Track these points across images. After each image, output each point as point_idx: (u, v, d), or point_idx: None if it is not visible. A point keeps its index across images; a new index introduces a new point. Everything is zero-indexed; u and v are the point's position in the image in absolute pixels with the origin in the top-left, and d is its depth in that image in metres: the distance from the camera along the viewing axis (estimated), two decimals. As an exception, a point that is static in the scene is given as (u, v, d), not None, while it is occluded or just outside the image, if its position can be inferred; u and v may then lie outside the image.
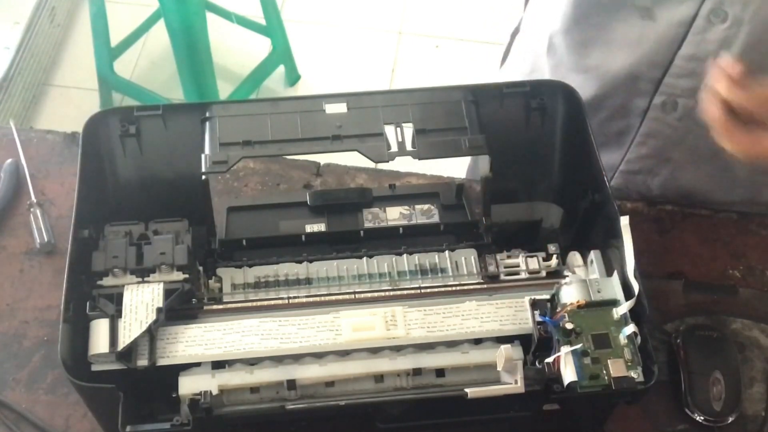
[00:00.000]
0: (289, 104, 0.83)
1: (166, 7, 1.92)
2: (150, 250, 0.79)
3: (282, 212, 0.93)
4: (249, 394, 0.75)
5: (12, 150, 1.00)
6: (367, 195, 0.94)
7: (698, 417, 0.83)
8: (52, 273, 0.92)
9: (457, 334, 0.76)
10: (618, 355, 0.73)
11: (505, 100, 0.86)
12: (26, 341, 0.88)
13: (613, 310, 0.75)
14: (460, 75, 2.28)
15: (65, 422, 0.84)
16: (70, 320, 0.73)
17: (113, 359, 0.74)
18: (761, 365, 0.88)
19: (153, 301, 0.76)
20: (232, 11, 2.21)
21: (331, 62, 2.36)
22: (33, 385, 0.86)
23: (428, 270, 0.84)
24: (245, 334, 0.76)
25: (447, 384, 0.76)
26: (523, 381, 0.73)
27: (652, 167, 0.98)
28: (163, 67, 2.27)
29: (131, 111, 0.84)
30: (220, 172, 0.81)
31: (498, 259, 0.85)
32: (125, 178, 0.87)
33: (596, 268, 0.80)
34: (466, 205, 0.94)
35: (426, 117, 0.83)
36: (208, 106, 0.84)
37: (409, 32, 2.44)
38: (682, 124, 0.91)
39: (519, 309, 0.78)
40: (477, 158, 0.90)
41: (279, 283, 0.83)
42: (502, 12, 2.37)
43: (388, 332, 0.76)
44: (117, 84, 2.18)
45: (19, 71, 2.16)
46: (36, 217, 0.95)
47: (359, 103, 0.83)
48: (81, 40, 2.33)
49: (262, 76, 2.23)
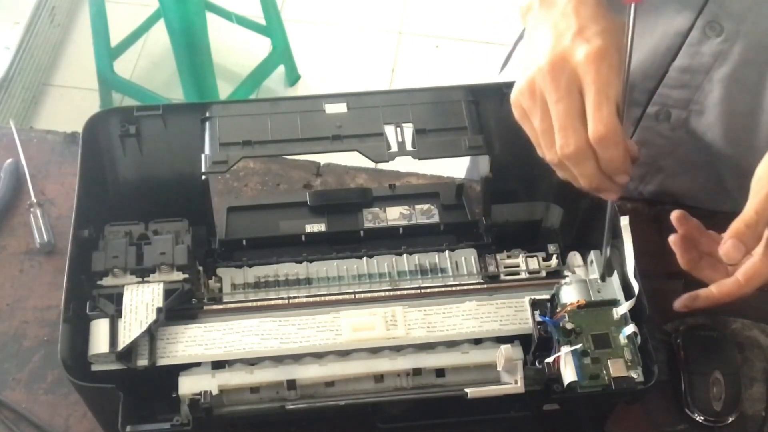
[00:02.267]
0: (289, 104, 0.84)
1: (166, 7, 1.92)
2: (150, 250, 0.79)
3: (282, 212, 0.93)
4: (249, 394, 0.75)
5: (12, 150, 1.00)
6: (367, 195, 0.94)
7: (698, 417, 0.83)
8: (52, 273, 0.92)
9: (457, 334, 0.76)
10: (618, 355, 0.73)
11: (505, 100, 0.86)
12: (26, 341, 0.88)
13: (613, 310, 0.75)
14: (460, 75, 2.28)
15: (65, 422, 0.84)
16: (70, 320, 0.73)
17: (113, 359, 0.74)
18: (761, 365, 0.88)
19: (153, 301, 0.76)
20: (232, 11, 2.21)
21: (331, 62, 2.36)
22: (33, 385, 0.86)
23: (428, 270, 0.84)
24: (245, 334, 0.76)
25: (447, 384, 0.76)
26: (523, 381, 0.73)
27: (644, 175, 0.98)
28: (163, 67, 2.27)
29: (131, 111, 0.84)
30: (220, 172, 0.81)
31: (498, 259, 0.85)
32: (125, 178, 0.87)
33: (596, 268, 0.80)
34: (466, 205, 0.94)
35: (426, 117, 0.83)
36: (208, 106, 0.84)
37: (409, 32, 2.44)
38: (675, 134, 0.91)
39: (519, 309, 0.78)
40: (477, 158, 0.90)
41: (279, 283, 0.83)
42: (502, 12, 2.37)
43: (388, 332, 0.76)
44: (117, 84, 2.18)
45: (19, 71, 2.16)
46: (36, 217, 0.95)
47: (359, 103, 0.83)
48: (81, 40, 2.33)
49: (262, 76, 2.23)
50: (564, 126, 0.65)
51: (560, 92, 0.65)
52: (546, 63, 0.65)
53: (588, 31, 0.66)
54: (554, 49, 0.66)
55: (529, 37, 0.71)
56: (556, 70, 0.65)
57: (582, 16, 0.67)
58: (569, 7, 0.68)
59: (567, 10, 0.68)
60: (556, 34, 0.67)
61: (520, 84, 0.68)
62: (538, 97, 0.66)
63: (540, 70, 0.66)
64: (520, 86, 0.68)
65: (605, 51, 0.64)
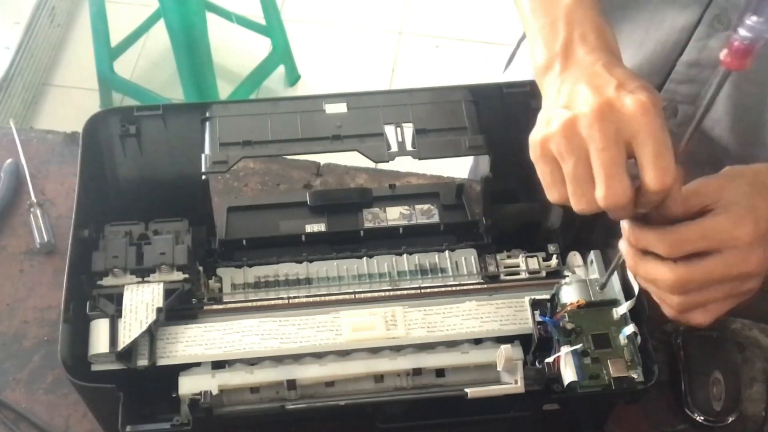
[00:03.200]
0: (289, 104, 0.84)
1: (166, 7, 1.92)
2: (150, 250, 0.79)
3: (282, 212, 0.93)
4: (249, 394, 0.75)
5: (12, 150, 1.00)
6: (367, 195, 0.94)
7: (698, 417, 0.83)
8: (52, 273, 0.92)
9: (457, 334, 0.76)
10: (618, 355, 0.73)
11: (505, 100, 0.86)
12: (26, 341, 0.88)
13: (613, 310, 0.75)
14: (460, 75, 2.28)
15: (65, 422, 0.84)
16: (70, 320, 0.73)
17: (113, 359, 0.74)
18: (761, 365, 0.88)
19: (153, 301, 0.76)
20: (232, 11, 2.21)
21: (331, 62, 2.36)
22: (33, 385, 0.86)
23: (428, 270, 0.84)
24: (245, 334, 0.76)
25: (447, 384, 0.76)
26: (523, 381, 0.73)
27: None
28: (163, 67, 2.27)
29: (131, 111, 0.84)
30: (220, 172, 0.81)
31: (498, 259, 0.85)
32: (125, 178, 0.87)
33: (596, 268, 0.80)
34: (466, 205, 0.94)
35: (426, 117, 0.83)
36: (208, 106, 0.84)
37: (409, 32, 2.44)
38: (682, 129, 0.90)
39: (519, 309, 0.78)
40: (477, 158, 0.90)
41: (279, 283, 0.83)
42: (502, 12, 2.37)
43: (388, 332, 0.76)
44: (117, 84, 2.18)
45: (19, 71, 2.16)
46: (36, 217, 0.95)
47: (359, 103, 0.83)
48: (81, 40, 2.33)
49: (262, 76, 2.23)
50: (611, 175, 0.61)
51: (608, 141, 0.60)
52: (591, 110, 0.61)
53: (629, 84, 0.62)
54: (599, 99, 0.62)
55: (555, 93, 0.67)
56: (603, 117, 0.61)
57: (616, 73, 0.64)
58: (598, 65, 0.65)
59: (597, 68, 0.65)
60: (594, 87, 0.63)
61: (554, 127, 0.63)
62: (577, 143, 0.62)
63: (584, 116, 0.62)
64: (554, 129, 0.63)
65: (655, 101, 0.61)
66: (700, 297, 0.64)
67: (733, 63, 0.60)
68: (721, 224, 0.63)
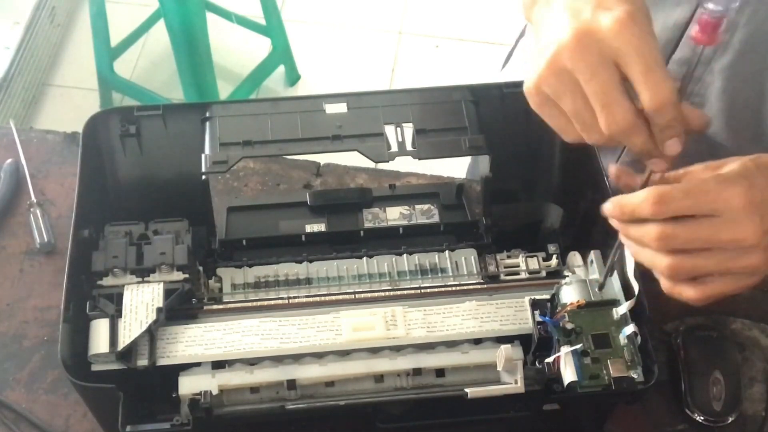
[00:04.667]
0: (289, 104, 0.84)
1: (166, 7, 1.92)
2: (150, 250, 0.79)
3: (282, 212, 0.93)
4: (249, 394, 0.75)
5: (12, 150, 1.00)
6: (367, 195, 0.94)
7: (698, 417, 0.83)
8: (52, 273, 0.92)
9: (457, 334, 0.76)
10: (618, 355, 0.73)
11: (505, 100, 0.86)
12: (26, 341, 0.88)
13: (613, 310, 0.75)
14: (460, 75, 2.28)
15: (65, 422, 0.84)
16: (70, 320, 0.73)
17: (113, 359, 0.74)
18: (761, 365, 0.88)
19: (153, 301, 0.76)
20: (232, 11, 2.21)
21: (331, 62, 2.36)
22: (33, 385, 0.86)
23: (428, 270, 0.84)
24: (245, 334, 0.76)
25: (447, 384, 0.76)
26: (523, 381, 0.73)
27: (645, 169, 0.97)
28: (163, 67, 2.27)
29: (131, 111, 0.84)
30: (220, 172, 0.81)
31: (498, 259, 0.85)
32: (125, 178, 0.87)
33: (596, 268, 0.80)
34: (466, 205, 0.94)
35: (426, 117, 0.83)
36: (208, 106, 0.84)
37: (409, 32, 2.44)
38: None
39: (519, 309, 0.78)
40: (477, 158, 0.90)
41: (279, 283, 0.83)
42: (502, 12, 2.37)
43: (388, 332, 0.76)
44: (117, 84, 2.18)
45: (19, 71, 2.16)
46: (36, 217, 0.95)
47: (359, 103, 0.83)
48: (81, 40, 2.33)
49: (262, 76, 2.23)
50: (607, 102, 0.59)
51: (594, 67, 0.58)
52: (569, 39, 0.59)
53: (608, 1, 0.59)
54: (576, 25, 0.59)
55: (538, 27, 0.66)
56: (583, 45, 0.58)
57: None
58: None
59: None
60: (572, 13, 0.60)
61: (539, 68, 0.61)
62: (566, 78, 0.60)
63: (564, 48, 0.59)
64: (540, 71, 0.61)
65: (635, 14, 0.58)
66: (689, 261, 0.63)
67: (703, 38, 0.59)
68: (708, 183, 0.61)
